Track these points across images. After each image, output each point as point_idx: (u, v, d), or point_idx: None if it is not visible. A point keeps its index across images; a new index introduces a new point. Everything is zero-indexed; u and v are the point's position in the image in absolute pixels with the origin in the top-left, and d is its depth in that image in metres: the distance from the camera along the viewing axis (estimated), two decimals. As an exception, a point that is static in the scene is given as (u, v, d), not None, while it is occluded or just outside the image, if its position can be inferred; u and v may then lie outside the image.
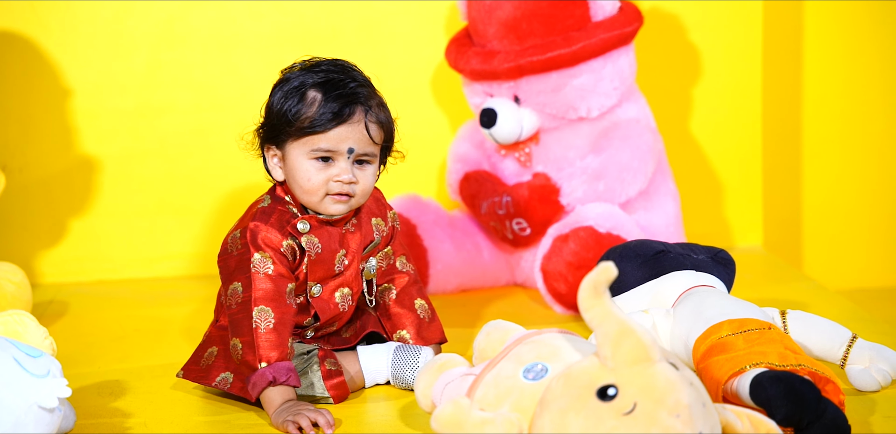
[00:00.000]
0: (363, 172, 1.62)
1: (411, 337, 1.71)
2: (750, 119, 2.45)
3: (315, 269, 1.63)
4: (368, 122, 1.61)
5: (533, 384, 1.34)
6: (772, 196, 2.46)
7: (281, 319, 1.57)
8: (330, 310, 1.66)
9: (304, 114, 1.59)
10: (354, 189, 1.61)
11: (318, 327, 1.68)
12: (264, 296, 1.58)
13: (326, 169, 1.60)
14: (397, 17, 2.36)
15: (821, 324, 1.63)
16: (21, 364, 1.39)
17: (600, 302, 1.28)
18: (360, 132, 1.60)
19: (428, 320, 1.73)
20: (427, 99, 2.39)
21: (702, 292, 1.67)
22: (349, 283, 1.68)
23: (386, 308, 1.74)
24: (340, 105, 1.59)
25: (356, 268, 1.68)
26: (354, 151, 1.60)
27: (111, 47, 2.31)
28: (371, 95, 1.63)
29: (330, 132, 1.59)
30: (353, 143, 1.60)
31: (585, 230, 1.98)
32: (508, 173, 2.17)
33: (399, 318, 1.72)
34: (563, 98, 2.09)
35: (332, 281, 1.66)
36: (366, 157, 1.62)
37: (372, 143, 1.61)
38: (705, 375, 1.50)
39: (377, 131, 1.62)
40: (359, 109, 1.60)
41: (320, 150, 1.59)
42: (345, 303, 1.68)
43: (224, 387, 1.61)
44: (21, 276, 2.00)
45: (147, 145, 2.35)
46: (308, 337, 1.68)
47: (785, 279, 2.23)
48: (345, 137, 1.59)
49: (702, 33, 2.42)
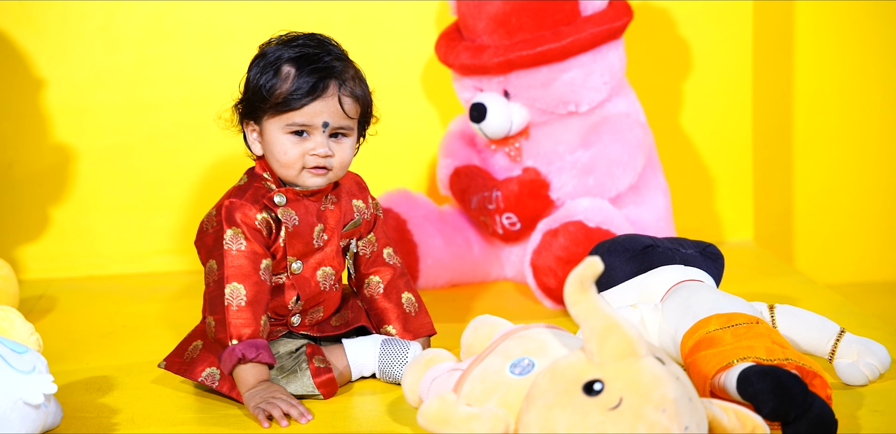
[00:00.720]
0: (339, 146, 1.63)
1: (397, 332, 1.72)
2: (740, 113, 2.45)
3: (293, 242, 1.63)
4: (342, 95, 1.61)
5: (520, 379, 1.34)
6: (762, 191, 2.46)
7: (254, 297, 1.57)
8: (311, 288, 1.66)
9: (278, 89, 1.60)
10: (331, 162, 1.63)
11: (303, 311, 1.67)
12: (236, 273, 1.58)
13: (302, 143, 1.61)
14: (387, 12, 2.36)
15: (809, 318, 1.63)
16: (6, 360, 1.39)
17: (586, 297, 1.27)
18: (334, 106, 1.61)
19: (415, 314, 1.74)
20: (417, 94, 2.39)
21: (690, 287, 1.66)
22: (330, 262, 1.67)
23: (373, 302, 1.74)
24: (314, 80, 1.60)
25: (336, 245, 1.68)
26: (329, 125, 1.61)
27: (101, 42, 2.31)
28: (346, 69, 1.64)
29: (304, 107, 1.60)
30: (328, 117, 1.61)
31: (575, 225, 1.97)
32: (498, 168, 2.17)
33: (385, 313, 1.73)
34: (552, 93, 2.09)
35: (313, 258, 1.66)
36: (342, 131, 1.63)
37: (347, 117, 1.62)
38: (693, 370, 1.50)
39: (351, 105, 1.63)
40: (332, 84, 1.61)
41: (295, 125, 1.61)
42: (326, 282, 1.67)
43: (211, 384, 1.61)
44: (7, 270, 2.00)
45: (137, 140, 2.34)
46: (295, 324, 1.67)
47: (775, 273, 2.23)
48: (319, 112, 1.60)
49: (692, 27, 2.42)
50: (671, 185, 2.23)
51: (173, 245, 2.36)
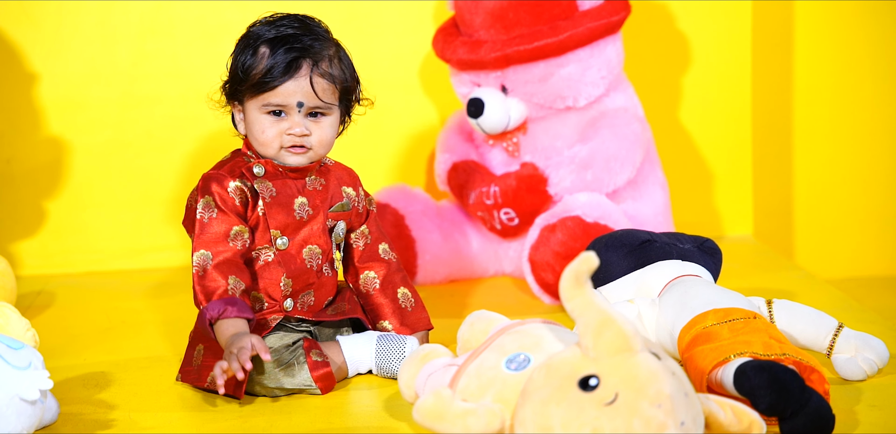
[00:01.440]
0: (317, 125, 1.64)
1: (394, 327, 1.72)
2: (739, 107, 2.45)
3: (274, 213, 1.64)
4: (314, 76, 1.62)
5: (515, 374, 1.34)
6: (762, 185, 2.45)
7: (223, 261, 1.58)
8: (297, 265, 1.66)
9: (254, 69, 1.62)
10: (309, 141, 1.64)
11: (294, 293, 1.66)
12: (205, 240, 1.60)
13: (279, 123, 1.63)
14: (384, 7, 2.35)
15: (807, 313, 1.62)
16: (2, 356, 1.39)
17: (582, 292, 1.27)
18: (307, 86, 1.62)
19: (411, 309, 1.74)
20: (415, 89, 2.38)
21: (687, 282, 1.66)
22: (316, 240, 1.67)
23: (369, 298, 1.74)
24: (287, 60, 1.61)
25: (322, 223, 1.68)
26: (304, 105, 1.62)
27: (97, 38, 2.31)
28: (323, 49, 1.64)
29: (278, 87, 1.61)
30: (302, 97, 1.62)
31: (573, 220, 1.97)
32: (496, 163, 2.17)
33: (381, 308, 1.73)
34: (550, 87, 2.09)
35: (299, 235, 1.66)
36: (319, 110, 1.64)
37: (321, 97, 1.63)
38: (690, 365, 1.49)
39: (325, 85, 1.63)
40: (305, 64, 1.62)
41: (271, 105, 1.63)
42: (313, 260, 1.67)
43: (214, 386, 1.61)
44: (4, 265, 2.00)
45: (133, 136, 2.34)
46: (289, 309, 1.67)
47: (774, 268, 2.23)
48: (292, 91, 1.62)
49: (691, 22, 2.41)
50: (670, 180, 2.23)
51: (171, 241, 2.36)
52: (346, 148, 2.31)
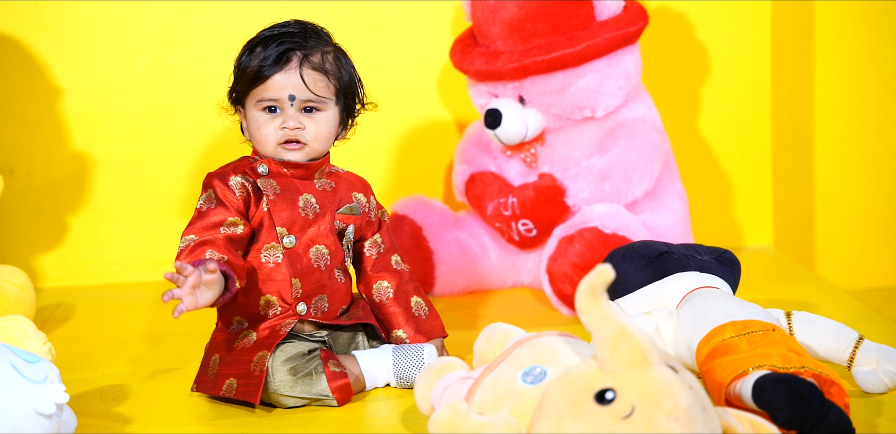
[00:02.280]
0: (312, 120, 1.66)
1: (408, 335, 1.71)
2: (759, 117, 2.44)
3: (278, 209, 1.64)
4: (304, 68, 1.64)
5: (531, 388, 1.33)
6: (782, 195, 2.44)
7: (205, 240, 1.58)
8: (304, 265, 1.66)
9: (249, 65, 1.65)
10: (304, 136, 1.65)
11: (307, 297, 1.66)
12: (197, 226, 1.61)
13: (274, 119, 1.65)
14: (402, 18, 2.35)
15: (827, 325, 1.61)
16: (18, 370, 1.39)
17: (598, 304, 1.26)
18: (297, 79, 1.64)
19: (425, 317, 1.74)
20: (433, 100, 2.38)
21: (706, 294, 1.65)
22: (323, 240, 1.68)
23: (382, 307, 1.74)
24: (277, 52, 1.64)
25: (330, 224, 1.68)
26: (296, 98, 1.64)
27: (114, 49, 2.31)
28: (316, 45, 1.67)
29: (268, 80, 1.64)
30: (293, 90, 1.64)
31: (591, 231, 1.96)
32: (514, 174, 2.16)
33: (395, 317, 1.73)
34: (568, 98, 2.08)
35: (305, 233, 1.66)
36: (313, 105, 1.66)
37: (312, 91, 1.64)
38: (708, 378, 1.48)
39: (316, 78, 1.65)
40: (295, 57, 1.64)
41: (265, 100, 1.65)
42: (320, 261, 1.67)
43: (230, 394, 1.61)
44: (24, 279, 2.00)
45: (152, 147, 2.35)
46: (302, 313, 1.66)
47: (795, 279, 2.21)
48: (283, 85, 1.64)
49: (709, 31, 2.40)
50: (689, 191, 2.22)
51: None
52: (364, 159, 2.33)
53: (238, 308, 1.67)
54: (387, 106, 2.34)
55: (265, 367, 1.59)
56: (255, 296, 1.65)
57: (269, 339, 1.63)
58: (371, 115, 1.87)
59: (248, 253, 1.66)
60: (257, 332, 1.64)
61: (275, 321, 1.64)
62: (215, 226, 1.61)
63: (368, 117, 2.26)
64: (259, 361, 1.60)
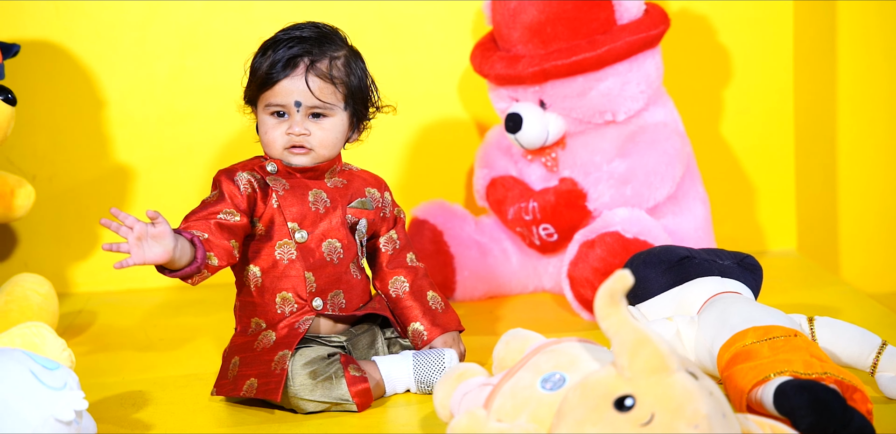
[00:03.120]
0: (318, 126, 1.66)
1: (425, 328, 1.72)
2: (782, 120, 2.42)
3: (288, 204, 1.65)
4: (309, 75, 1.64)
5: (550, 394, 1.32)
6: (805, 198, 2.42)
7: (190, 224, 1.59)
8: (316, 259, 1.66)
9: (259, 68, 1.66)
10: (310, 141, 1.66)
11: (322, 292, 1.67)
12: (189, 216, 1.62)
13: (281, 124, 1.66)
14: (423, 22, 2.35)
15: (849, 330, 1.60)
16: (37, 376, 1.39)
17: (616, 310, 1.26)
18: (303, 84, 1.64)
19: (441, 310, 1.74)
20: (454, 104, 2.38)
21: (727, 299, 1.64)
22: (335, 234, 1.68)
23: (399, 302, 1.74)
24: (284, 58, 1.64)
25: (341, 217, 1.69)
26: (302, 105, 1.64)
27: (135, 54, 2.32)
28: (326, 51, 1.67)
29: (275, 85, 1.65)
30: (299, 96, 1.64)
31: (612, 235, 1.95)
32: (535, 178, 2.16)
33: (411, 311, 1.73)
34: (588, 102, 2.07)
35: (317, 228, 1.66)
36: (319, 111, 1.66)
37: (321, 95, 1.64)
38: (730, 384, 1.47)
39: (320, 84, 1.65)
40: (302, 63, 1.65)
41: (272, 105, 1.66)
42: (333, 255, 1.67)
43: (251, 393, 1.61)
44: (48, 288, 2.01)
45: (173, 152, 2.35)
46: (318, 308, 1.67)
47: (818, 284, 2.20)
48: (289, 91, 1.64)
49: (731, 34, 2.39)
50: (712, 195, 2.21)
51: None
52: (385, 163, 2.33)
53: (254, 309, 1.67)
54: (408, 110, 2.35)
55: (286, 366, 1.59)
56: (271, 294, 1.66)
57: (289, 337, 1.63)
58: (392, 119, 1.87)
59: (262, 251, 1.66)
60: (276, 332, 1.64)
61: (292, 319, 1.65)
62: (211, 214, 1.62)
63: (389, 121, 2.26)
64: (280, 360, 1.60)
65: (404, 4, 2.34)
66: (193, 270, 1.56)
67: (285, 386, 1.59)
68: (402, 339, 1.74)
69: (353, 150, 1.78)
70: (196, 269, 1.56)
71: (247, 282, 1.68)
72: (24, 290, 1.98)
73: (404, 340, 1.74)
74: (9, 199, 2.07)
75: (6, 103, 1.92)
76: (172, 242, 1.52)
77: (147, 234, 1.51)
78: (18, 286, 1.99)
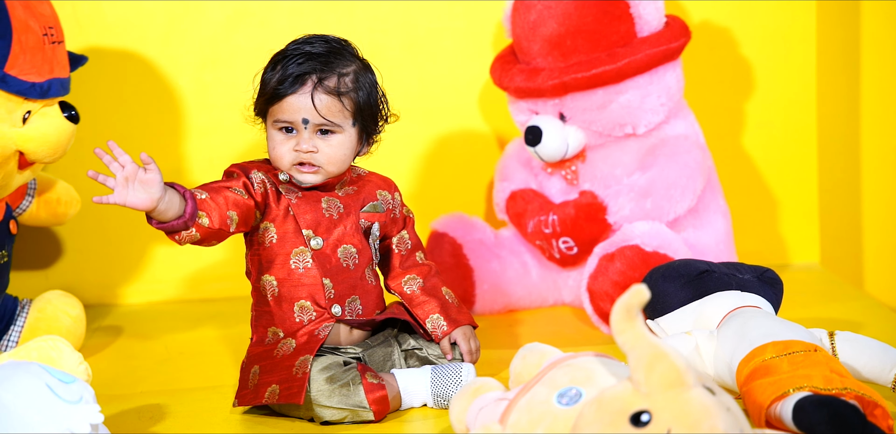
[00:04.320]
0: (326, 142, 1.66)
1: (444, 320, 1.72)
2: (804, 132, 2.41)
3: (302, 211, 1.66)
4: (315, 93, 1.64)
5: (566, 409, 1.32)
6: (828, 211, 2.41)
7: (200, 188, 1.61)
8: (332, 265, 1.66)
9: (268, 82, 1.66)
10: (317, 159, 1.66)
11: (340, 298, 1.67)
12: (205, 186, 1.62)
13: (289, 140, 1.66)
14: (443, 36, 2.35)
15: (871, 345, 1.58)
16: (53, 390, 1.39)
17: (633, 325, 1.25)
18: (310, 102, 1.64)
19: (456, 305, 1.75)
20: (474, 117, 2.37)
21: (746, 313, 1.63)
22: (350, 239, 1.68)
23: (414, 297, 1.75)
24: (293, 75, 1.64)
25: (355, 222, 1.69)
26: (310, 122, 1.64)
27: (155, 68, 2.32)
28: (336, 67, 1.66)
29: (283, 102, 1.64)
30: (306, 114, 1.64)
31: (632, 249, 1.94)
32: (555, 191, 2.15)
33: (428, 304, 1.74)
34: (609, 115, 2.06)
35: (331, 234, 1.67)
36: (327, 127, 1.65)
37: (327, 114, 1.64)
38: (748, 399, 1.46)
39: (327, 102, 1.64)
40: (310, 80, 1.64)
41: (280, 121, 1.65)
42: (349, 260, 1.68)
43: (273, 400, 1.61)
44: (79, 310, 2.01)
45: (193, 166, 2.35)
46: (337, 314, 1.66)
47: (842, 297, 2.18)
48: (297, 108, 1.64)
49: (753, 46, 2.38)
50: (734, 207, 2.19)
51: (230, 270, 2.36)
52: (405, 176, 2.32)
53: (272, 318, 1.67)
54: (428, 123, 2.35)
55: (307, 370, 1.59)
56: (289, 303, 1.66)
57: (309, 343, 1.63)
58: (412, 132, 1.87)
59: (276, 260, 1.66)
60: (296, 339, 1.64)
61: (311, 326, 1.65)
62: (221, 187, 1.63)
63: (410, 134, 2.26)
64: (301, 364, 1.60)
65: (425, 18, 2.34)
66: (180, 225, 1.56)
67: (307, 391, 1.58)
68: (419, 350, 1.73)
69: (375, 164, 1.78)
70: (183, 224, 1.56)
71: (263, 292, 1.68)
72: (56, 310, 1.98)
73: (421, 352, 1.73)
74: (54, 206, 2.07)
75: (69, 121, 1.90)
76: (159, 193, 1.53)
77: (136, 177, 1.52)
78: (51, 305, 1.99)
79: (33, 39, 1.81)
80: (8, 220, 1.96)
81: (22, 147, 1.84)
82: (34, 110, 1.85)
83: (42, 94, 1.84)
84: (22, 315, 1.97)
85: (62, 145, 1.90)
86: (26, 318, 1.96)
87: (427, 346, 1.74)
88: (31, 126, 1.85)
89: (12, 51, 1.78)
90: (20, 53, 1.79)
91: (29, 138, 1.85)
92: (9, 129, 1.82)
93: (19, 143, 1.84)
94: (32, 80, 1.82)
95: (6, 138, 1.82)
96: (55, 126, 1.87)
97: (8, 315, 1.96)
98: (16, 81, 1.80)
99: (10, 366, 1.43)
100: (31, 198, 2.04)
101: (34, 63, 1.82)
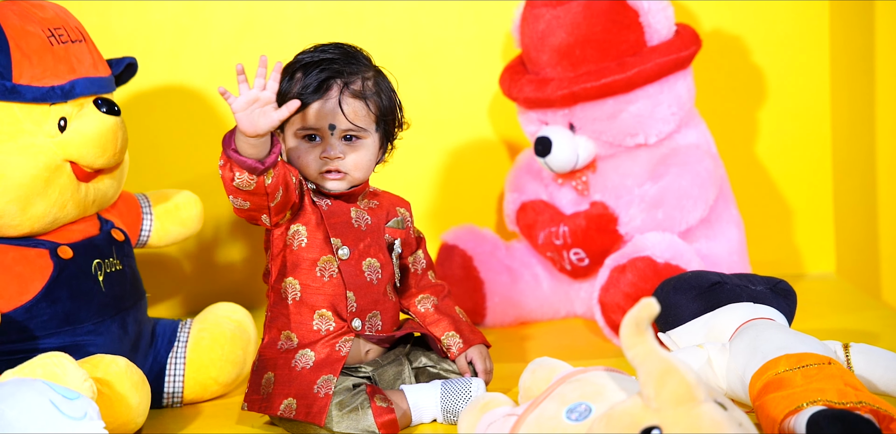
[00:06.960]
0: (352, 148, 1.65)
1: (460, 337, 1.72)
2: (818, 140, 2.39)
3: (333, 221, 1.65)
4: (343, 97, 1.63)
5: (576, 425, 1.30)
6: (844, 220, 2.38)
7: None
8: (357, 277, 1.65)
9: (288, 92, 1.64)
10: (344, 165, 1.65)
11: (361, 312, 1.66)
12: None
13: (314, 148, 1.64)
14: (452, 46, 2.34)
15: (886, 358, 1.57)
16: (57, 406, 1.39)
17: (642, 339, 1.23)
18: (337, 107, 1.63)
19: (469, 324, 1.76)
20: (484, 128, 2.36)
21: (759, 325, 1.61)
22: (375, 253, 1.68)
23: (427, 315, 1.75)
24: (318, 80, 1.63)
25: (380, 236, 1.69)
26: (336, 128, 1.63)
27: (167, 79, 2.32)
28: (355, 72, 1.65)
29: (308, 109, 1.62)
30: (333, 120, 1.63)
31: (643, 260, 1.92)
32: (566, 202, 2.13)
33: (442, 322, 1.74)
34: (619, 125, 2.05)
35: (358, 246, 1.66)
36: (353, 133, 1.65)
37: (352, 120, 1.63)
38: (762, 413, 1.44)
39: (355, 107, 1.64)
40: (335, 85, 1.63)
41: (305, 129, 1.64)
42: (373, 274, 1.67)
43: (290, 414, 1.59)
44: (241, 314, 1.88)
45: (203, 178, 2.34)
46: (358, 328, 1.66)
47: (858, 308, 2.16)
48: (323, 114, 1.63)
49: (765, 54, 2.36)
50: (748, 217, 2.17)
51: (248, 281, 2.35)
52: (415, 187, 2.31)
53: (288, 322, 1.65)
54: (438, 134, 2.34)
55: (331, 391, 1.58)
56: (309, 310, 1.64)
57: (330, 360, 1.62)
58: (422, 143, 1.86)
59: (302, 265, 1.65)
60: (315, 352, 1.62)
61: (331, 339, 1.63)
62: (290, 170, 1.61)
63: (419, 145, 2.25)
64: (324, 384, 1.59)
65: (434, 28, 2.33)
66: (255, 166, 1.52)
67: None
68: (432, 367, 1.72)
69: (383, 174, 1.77)
70: (259, 165, 1.52)
71: (283, 294, 1.66)
72: (217, 317, 1.88)
73: (434, 369, 1.72)
74: (174, 213, 1.97)
75: (109, 114, 1.76)
76: (273, 126, 1.51)
77: (264, 104, 1.51)
78: (211, 313, 1.89)
79: (35, 42, 1.70)
80: (109, 231, 1.84)
81: (68, 155, 1.72)
82: (69, 115, 1.73)
83: (65, 96, 1.71)
84: (184, 330, 1.86)
85: (109, 142, 1.75)
86: (188, 332, 1.85)
87: (440, 361, 1.73)
88: (69, 131, 1.72)
89: (13, 59, 1.68)
90: (23, 59, 1.69)
91: (71, 143, 1.71)
92: (45, 140, 1.70)
93: (63, 152, 1.71)
94: (50, 83, 1.70)
95: (45, 150, 1.69)
96: (94, 124, 1.74)
97: (169, 333, 1.85)
98: (30, 89, 1.69)
99: (14, 383, 1.43)
100: (150, 215, 1.94)
101: (45, 66, 1.70)
